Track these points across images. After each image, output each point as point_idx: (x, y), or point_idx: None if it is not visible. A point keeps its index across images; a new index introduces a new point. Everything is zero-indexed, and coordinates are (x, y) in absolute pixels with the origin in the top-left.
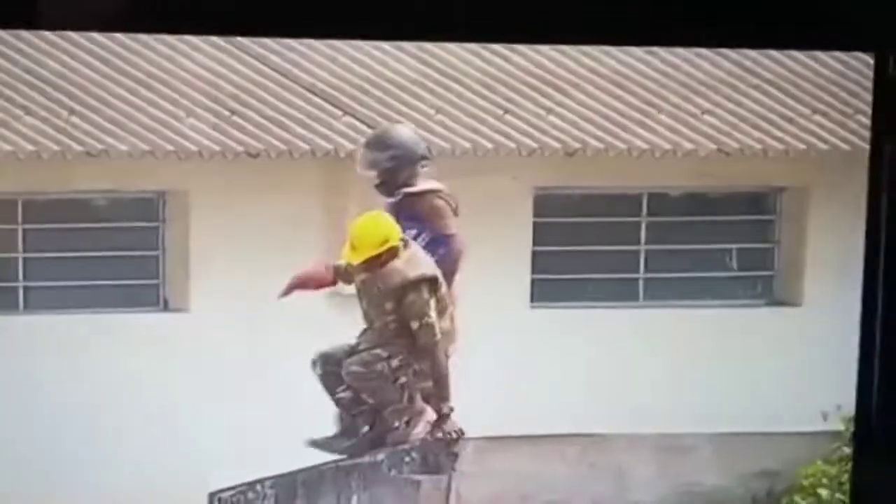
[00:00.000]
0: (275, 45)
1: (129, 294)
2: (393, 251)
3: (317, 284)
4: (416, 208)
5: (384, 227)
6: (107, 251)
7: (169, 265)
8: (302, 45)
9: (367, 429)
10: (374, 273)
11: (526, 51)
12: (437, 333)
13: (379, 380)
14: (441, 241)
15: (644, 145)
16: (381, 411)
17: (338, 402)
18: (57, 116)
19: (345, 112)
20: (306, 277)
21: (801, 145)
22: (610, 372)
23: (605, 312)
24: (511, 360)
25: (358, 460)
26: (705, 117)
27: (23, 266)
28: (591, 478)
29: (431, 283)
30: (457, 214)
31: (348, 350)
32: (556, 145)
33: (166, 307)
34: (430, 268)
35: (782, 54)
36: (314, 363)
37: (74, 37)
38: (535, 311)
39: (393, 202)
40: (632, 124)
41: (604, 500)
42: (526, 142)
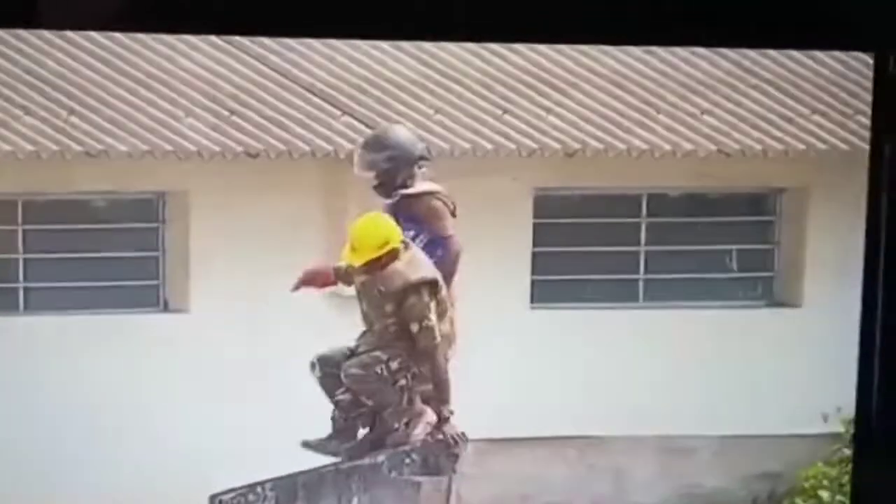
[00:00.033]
0: (275, 45)
1: (129, 295)
2: (393, 253)
3: (321, 283)
4: (413, 210)
5: (384, 228)
6: (107, 252)
7: (169, 266)
8: (302, 46)
9: (366, 430)
10: (374, 275)
11: (525, 51)
12: (436, 336)
13: (378, 382)
14: (439, 242)
15: (644, 146)
16: (381, 413)
17: (337, 405)
18: (56, 116)
19: (344, 112)
20: (315, 273)
21: (801, 146)
22: (610, 373)
23: (604, 313)
24: (511, 362)
25: (358, 462)
26: (705, 118)
27: (23, 267)
28: (592, 479)
29: (432, 286)
30: (454, 216)
31: (347, 352)
32: (556, 146)
33: (166, 308)
34: (430, 270)
35: (782, 54)
36: (313, 365)
37: (74, 37)
38: (535, 312)
39: (390, 203)
40: (631, 125)
41: (604, 502)
42: (525, 142)
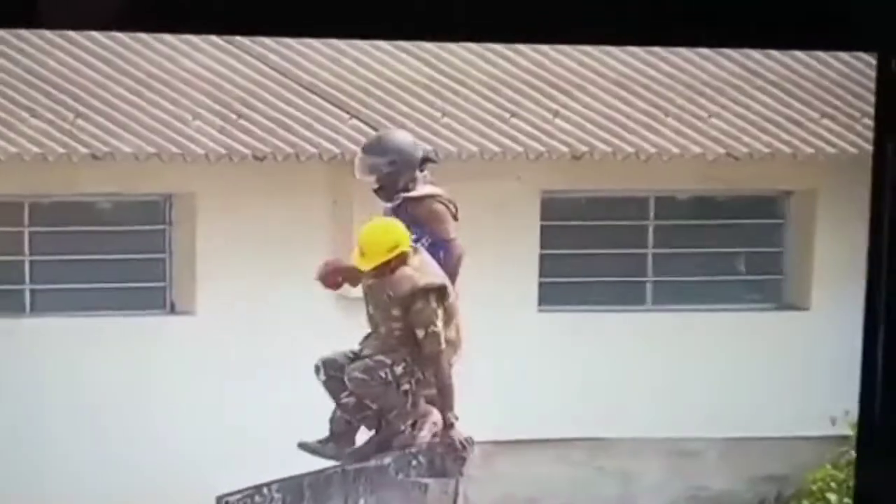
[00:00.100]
0: (282, 48)
1: (135, 297)
2: (402, 257)
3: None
4: (415, 213)
5: (394, 232)
6: (113, 254)
7: (175, 268)
8: (309, 49)
9: (372, 433)
10: (383, 278)
11: (532, 54)
12: (441, 342)
13: (382, 386)
14: (441, 245)
15: (651, 149)
16: (386, 415)
17: (342, 407)
18: (63, 119)
19: (351, 115)
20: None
21: (809, 149)
22: (617, 376)
23: (612, 316)
24: (518, 364)
25: (364, 464)
26: (712, 121)
27: (29, 269)
28: (599, 482)
29: (440, 292)
30: (456, 219)
31: (351, 356)
32: (563, 149)
33: (173, 310)
34: (439, 276)
35: (790, 57)
36: (317, 369)
37: (81, 40)
38: (542, 315)
39: (392, 207)
40: (639, 127)
41: None
42: (533, 145)
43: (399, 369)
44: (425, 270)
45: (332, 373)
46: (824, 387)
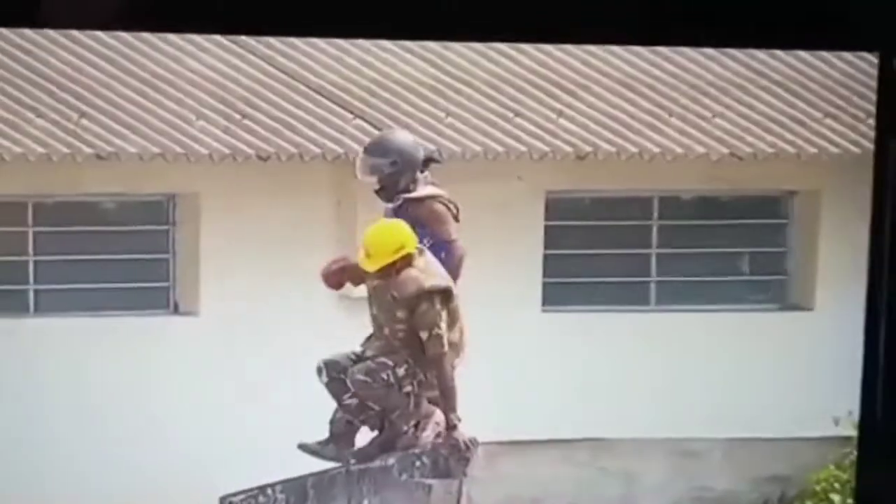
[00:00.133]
0: (286, 48)
1: (139, 297)
2: (408, 258)
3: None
4: (416, 214)
5: (400, 234)
6: (117, 254)
7: (179, 268)
8: (313, 49)
9: (375, 433)
10: (388, 280)
11: (536, 54)
12: (445, 345)
13: (384, 388)
14: (442, 246)
15: (655, 149)
16: (389, 416)
17: (345, 408)
18: (67, 119)
19: (355, 115)
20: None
21: (813, 149)
22: (621, 376)
23: (616, 316)
24: (522, 364)
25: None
26: (716, 121)
27: (33, 269)
28: (602, 482)
29: (445, 294)
30: (458, 220)
31: (353, 358)
32: (567, 149)
33: (176, 310)
34: (444, 279)
35: (793, 58)
36: (319, 370)
37: (85, 40)
38: (546, 315)
39: (393, 208)
40: (643, 127)
41: None
42: (537, 145)
43: (401, 371)
44: (431, 272)
45: (335, 374)
46: (828, 387)
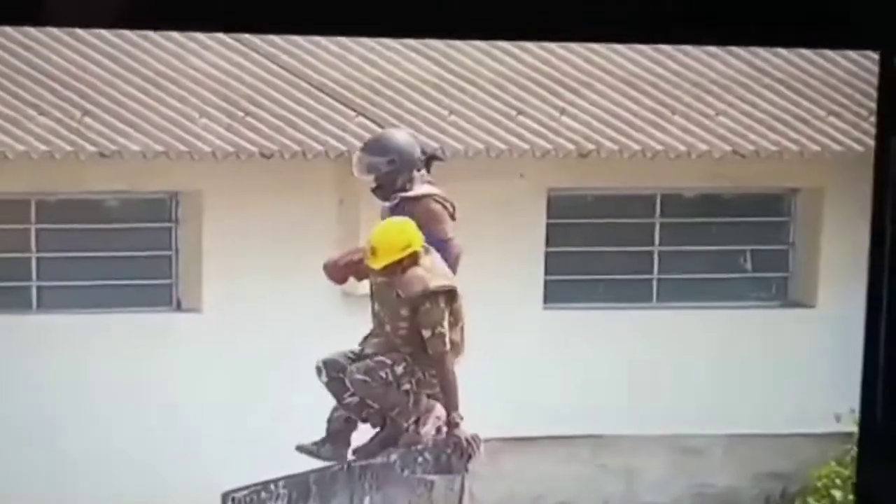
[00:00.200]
0: (288, 46)
1: (141, 294)
2: (414, 256)
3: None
4: (413, 213)
5: (406, 232)
6: (120, 251)
7: (182, 265)
8: (316, 47)
9: (377, 430)
10: (392, 277)
11: (539, 51)
12: (447, 343)
13: (383, 387)
14: (438, 245)
15: (658, 146)
16: (389, 414)
17: (346, 407)
18: (70, 117)
19: (358, 113)
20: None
21: (816, 147)
22: (623, 373)
23: (618, 313)
24: (524, 361)
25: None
26: (719, 118)
27: (36, 266)
28: (604, 478)
29: (450, 295)
30: (454, 218)
31: (352, 356)
32: (570, 146)
33: (179, 307)
34: (450, 279)
35: (796, 56)
36: (319, 371)
37: (88, 37)
38: (548, 312)
39: (390, 206)
40: (646, 125)
41: (616, 501)
42: (539, 143)
43: (399, 369)
44: (437, 272)
45: (334, 374)
46: (829, 384)
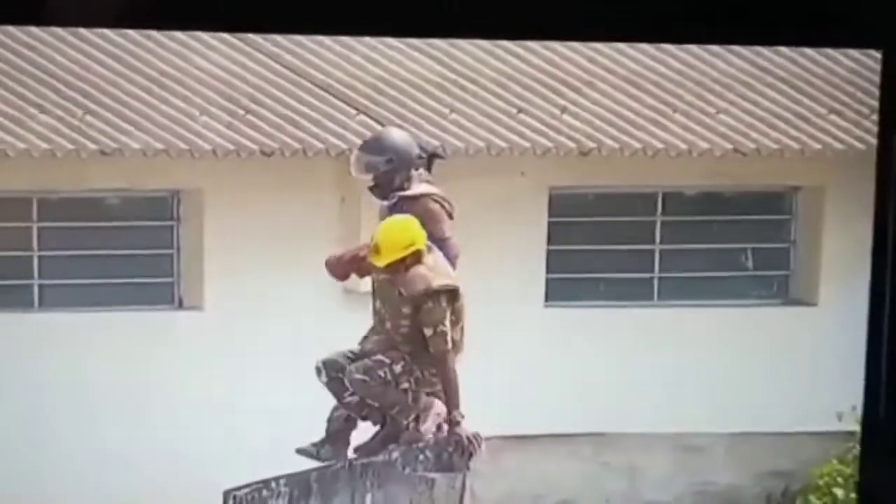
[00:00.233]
0: (290, 44)
1: (143, 292)
2: (417, 255)
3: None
4: (411, 212)
5: (410, 230)
6: (121, 250)
7: (183, 263)
8: (317, 45)
9: (377, 428)
10: (395, 275)
11: (540, 50)
12: (448, 342)
13: (381, 386)
14: (437, 244)
15: (659, 145)
16: (388, 412)
17: (346, 407)
18: (71, 115)
19: (359, 111)
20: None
21: (817, 145)
22: (624, 371)
23: (619, 312)
24: (525, 359)
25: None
26: (720, 116)
27: (38, 264)
28: (606, 477)
29: (452, 294)
30: (452, 218)
31: (351, 356)
32: (571, 145)
33: (181, 305)
34: (452, 278)
35: (798, 54)
36: (318, 371)
37: (90, 36)
38: (549, 310)
39: (388, 205)
40: (647, 123)
41: (618, 499)
42: (540, 141)
43: (398, 368)
44: (439, 271)
45: (334, 374)
46: (831, 382)
